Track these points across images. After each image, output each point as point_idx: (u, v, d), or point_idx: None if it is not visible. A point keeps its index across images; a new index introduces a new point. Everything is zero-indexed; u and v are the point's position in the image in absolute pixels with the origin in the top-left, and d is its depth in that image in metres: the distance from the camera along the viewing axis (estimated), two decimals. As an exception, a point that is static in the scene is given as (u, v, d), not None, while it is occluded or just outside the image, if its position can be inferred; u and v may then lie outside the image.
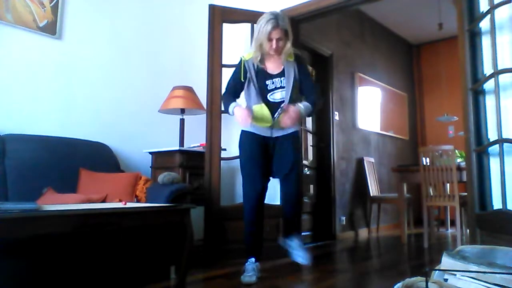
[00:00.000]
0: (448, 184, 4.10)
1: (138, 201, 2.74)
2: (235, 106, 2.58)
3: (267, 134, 2.65)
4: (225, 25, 3.40)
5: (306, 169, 4.56)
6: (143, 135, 3.47)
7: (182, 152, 3.20)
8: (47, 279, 1.95)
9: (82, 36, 3.17)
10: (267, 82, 2.62)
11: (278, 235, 3.28)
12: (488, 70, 2.45)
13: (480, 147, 2.48)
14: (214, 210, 3.14)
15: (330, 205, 4.54)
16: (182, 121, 3.44)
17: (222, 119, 3.30)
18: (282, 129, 2.62)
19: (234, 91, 2.70)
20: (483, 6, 2.52)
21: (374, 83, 5.74)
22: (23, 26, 2.84)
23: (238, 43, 3.75)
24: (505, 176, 2.25)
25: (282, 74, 2.62)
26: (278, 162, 2.66)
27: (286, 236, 2.75)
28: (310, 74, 2.69)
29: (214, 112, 3.27)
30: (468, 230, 2.97)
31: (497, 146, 2.34)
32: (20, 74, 2.81)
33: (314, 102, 2.63)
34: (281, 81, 2.61)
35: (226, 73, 3.41)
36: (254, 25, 3.43)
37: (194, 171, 3.25)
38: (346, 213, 4.80)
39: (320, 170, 4.68)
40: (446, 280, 1.26)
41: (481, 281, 1.17)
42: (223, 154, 3.31)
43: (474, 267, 1.20)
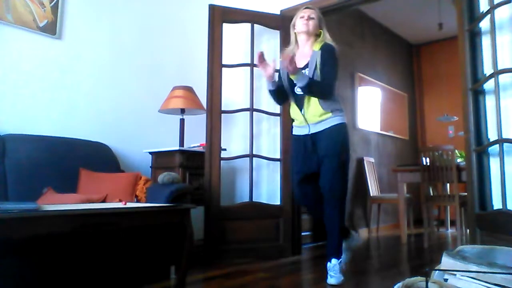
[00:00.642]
0: (448, 184, 4.10)
1: (138, 201, 2.74)
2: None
3: (305, 132, 2.59)
4: (225, 25, 3.40)
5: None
6: (143, 135, 3.47)
7: (182, 152, 3.20)
8: (47, 279, 1.95)
9: (82, 36, 3.18)
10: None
11: (278, 235, 3.29)
12: (488, 70, 2.45)
13: (480, 147, 2.48)
14: (214, 210, 3.14)
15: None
16: (182, 121, 3.44)
17: (222, 119, 3.30)
18: (317, 122, 2.53)
19: (282, 94, 2.70)
20: (483, 6, 2.52)
21: (374, 83, 5.73)
22: (23, 26, 2.84)
23: (238, 43, 3.74)
24: (505, 176, 2.25)
25: (306, 65, 2.58)
26: (320, 158, 2.54)
27: (327, 257, 2.54)
28: (332, 63, 2.56)
29: (214, 112, 3.27)
30: (468, 230, 2.97)
31: (497, 146, 2.34)
32: (20, 74, 2.81)
33: (316, 83, 2.49)
34: (304, 73, 2.52)
35: (226, 73, 3.42)
36: (255, 25, 3.47)
37: (194, 171, 3.25)
38: (346, 213, 4.79)
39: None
40: (446, 280, 1.26)
41: (481, 281, 1.18)
42: (223, 154, 3.31)
43: (474, 267, 1.20)
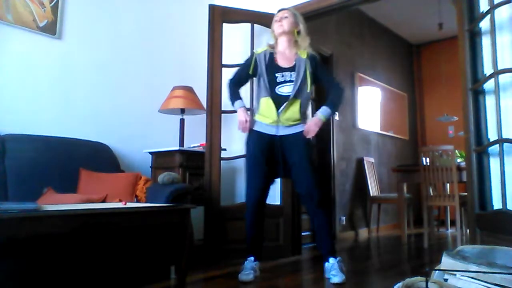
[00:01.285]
0: (448, 184, 4.10)
1: (138, 201, 2.74)
2: (241, 106, 2.63)
3: (273, 132, 2.59)
4: (225, 25, 3.40)
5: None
6: (143, 135, 3.47)
7: (182, 152, 3.20)
8: (47, 279, 1.95)
9: (82, 36, 3.18)
10: (277, 75, 2.61)
11: (278, 235, 3.29)
12: (488, 70, 2.45)
13: (480, 147, 2.48)
14: (214, 210, 3.14)
15: (330, 205, 4.54)
16: (182, 121, 3.44)
17: (222, 119, 3.30)
18: (288, 126, 2.57)
19: (238, 81, 2.76)
20: (483, 6, 2.52)
21: (374, 83, 5.74)
22: (23, 26, 2.84)
23: (238, 43, 3.74)
24: (505, 176, 2.25)
25: (292, 68, 2.61)
26: (289, 162, 2.57)
27: (324, 259, 2.56)
28: (331, 73, 2.70)
29: (214, 112, 3.27)
30: (468, 230, 2.97)
31: (497, 146, 2.34)
32: (20, 74, 2.81)
33: (335, 104, 2.65)
34: (290, 75, 2.59)
35: (226, 73, 3.41)
36: (255, 25, 3.47)
37: (194, 171, 3.25)
38: (346, 213, 4.80)
39: (320, 170, 4.68)
40: (446, 280, 1.26)
41: (481, 281, 1.18)
42: (223, 154, 3.31)
43: (474, 267, 1.20)
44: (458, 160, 3.94)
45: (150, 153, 3.37)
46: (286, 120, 2.56)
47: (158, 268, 2.43)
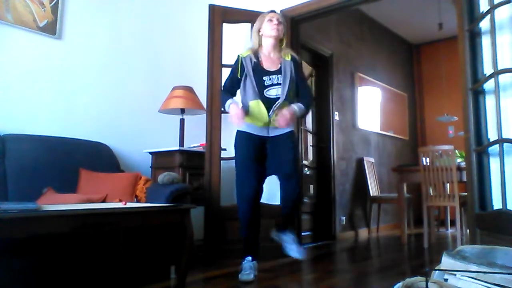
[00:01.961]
0: (448, 184, 4.10)
1: (138, 201, 2.74)
2: (231, 103, 2.60)
3: (263, 133, 2.65)
4: (225, 25, 3.40)
5: (306, 169, 4.55)
6: (143, 135, 3.47)
7: (182, 152, 3.20)
8: (47, 279, 1.95)
9: (82, 36, 3.17)
10: (264, 78, 2.65)
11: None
12: (488, 70, 2.45)
13: (480, 147, 2.48)
14: (214, 210, 3.14)
15: (330, 205, 4.54)
16: (182, 121, 3.44)
17: (222, 119, 3.30)
18: (278, 128, 2.62)
19: (231, 88, 2.75)
20: (483, 6, 2.52)
21: (374, 83, 5.73)
22: (23, 26, 2.84)
23: (238, 43, 3.74)
24: (505, 176, 2.25)
25: (279, 71, 2.65)
26: (276, 161, 2.63)
27: (281, 230, 2.73)
28: (306, 78, 2.76)
29: (214, 112, 3.27)
30: (468, 230, 2.97)
31: (497, 146, 2.33)
32: (20, 74, 2.81)
33: (307, 104, 2.72)
34: (278, 78, 2.64)
35: (226, 73, 3.40)
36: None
37: (194, 171, 3.25)
38: (346, 213, 4.80)
39: (320, 170, 4.68)
40: (446, 280, 1.26)
41: (481, 281, 1.18)
42: (223, 154, 3.31)
43: (474, 267, 1.20)
44: (458, 160, 3.94)
45: (150, 153, 3.37)
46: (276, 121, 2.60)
47: (158, 268, 2.43)
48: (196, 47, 3.81)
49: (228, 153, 3.43)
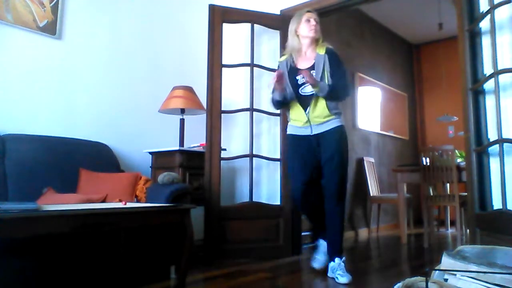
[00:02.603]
0: (448, 184, 4.10)
1: (138, 201, 2.74)
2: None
3: (307, 132, 2.64)
4: (225, 25, 3.40)
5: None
6: (143, 135, 3.47)
7: (182, 152, 3.20)
8: (47, 279, 1.95)
9: (82, 36, 3.17)
10: (297, 77, 2.64)
11: (278, 235, 3.29)
12: (488, 70, 2.45)
13: (480, 147, 2.48)
14: (214, 210, 3.14)
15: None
16: (182, 121, 3.44)
17: (222, 119, 3.30)
18: (320, 123, 2.59)
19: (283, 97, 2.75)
20: (483, 6, 2.52)
21: (374, 83, 5.74)
22: (23, 26, 2.84)
23: (238, 43, 3.74)
24: (505, 176, 2.25)
25: (312, 67, 2.63)
26: (323, 158, 2.60)
27: (328, 255, 2.63)
28: (342, 67, 2.66)
29: (214, 112, 3.27)
30: (468, 230, 2.97)
31: (497, 146, 2.34)
32: (20, 74, 2.81)
33: (333, 85, 2.56)
34: (311, 74, 2.57)
35: (226, 73, 3.42)
36: (255, 25, 3.47)
37: (194, 171, 3.24)
38: (346, 213, 4.79)
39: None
40: (446, 280, 1.26)
41: (481, 281, 1.18)
42: (223, 154, 3.31)
43: (474, 267, 1.20)
44: (458, 160, 3.94)
45: (150, 153, 3.37)
46: (316, 118, 2.60)
47: (158, 268, 2.43)
48: (196, 47, 3.81)
49: (228, 153, 3.44)
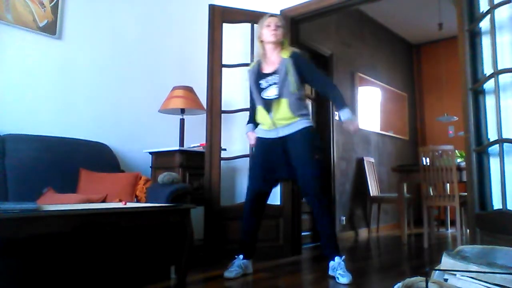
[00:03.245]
0: (448, 184, 4.10)
1: (138, 201, 2.74)
2: (247, 132, 2.83)
3: (273, 135, 2.64)
4: (225, 25, 3.40)
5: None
6: (143, 135, 3.47)
7: (182, 152, 3.20)
8: (47, 279, 1.95)
9: (82, 36, 3.18)
10: (261, 82, 2.68)
11: (278, 235, 3.29)
12: (488, 70, 2.45)
13: (480, 147, 2.48)
14: (214, 210, 3.14)
15: (330, 205, 4.53)
16: (182, 121, 3.44)
17: (222, 119, 3.30)
18: (286, 125, 2.59)
19: (252, 104, 2.82)
20: (483, 6, 2.52)
21: (374, 83, 5.73)
22: (23, 26, 2.84)
23: (238, 43, 3.74)
24: (505, 176, 2.25)
25: (276, 71, 2.64)
26: (293, 163, 2.58)
27: (326, 255, 2.59)
28: (314, 67, 2.69)
29: (214, 112, 3.27)
30: (468, 230, 2.97)
31: (497, 146, 2.34)
32: (20, 74, 2.81)
33: (335, 95, 2.62)
34: (274, 78, 2.63)
35: (226, 73, 3.42)
36: (255, 25, 3.46)
37: (194, 171, 3.25)
38: (346, 213, 4.80)
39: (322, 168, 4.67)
40: (446, 280, 1.26)
41: (481, 281, 1.18)
42: (223, 154, 3.31)
43: (474, 267, 1.20)
44: (458, 160, 3.94)
45: (150, 153, 3.37)
46: (280, 120, 2.60)
47: (158, 268, 2.43)
48: (196, 47, 3.81)
49: (228, 153, 3.44)
